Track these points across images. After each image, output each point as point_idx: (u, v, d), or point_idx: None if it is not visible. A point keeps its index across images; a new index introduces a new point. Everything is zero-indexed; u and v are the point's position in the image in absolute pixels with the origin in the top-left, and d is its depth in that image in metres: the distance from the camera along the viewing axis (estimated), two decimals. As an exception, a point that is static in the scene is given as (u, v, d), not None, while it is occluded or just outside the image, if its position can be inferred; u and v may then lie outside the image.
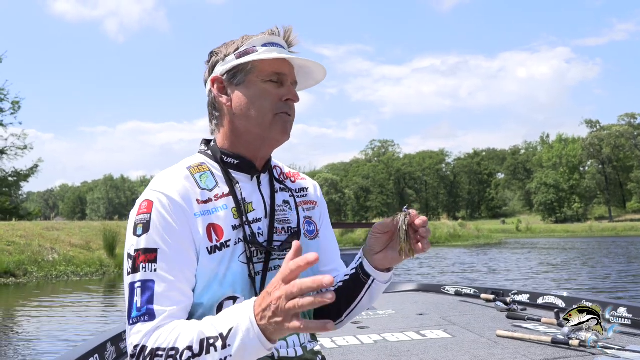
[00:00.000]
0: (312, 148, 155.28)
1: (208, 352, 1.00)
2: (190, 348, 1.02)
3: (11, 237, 17.94)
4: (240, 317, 1.00)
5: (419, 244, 1.18)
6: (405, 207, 1.21)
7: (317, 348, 1.32)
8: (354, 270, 1.31)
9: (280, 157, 1.39)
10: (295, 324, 0.92)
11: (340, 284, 1.34)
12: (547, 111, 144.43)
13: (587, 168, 77.07)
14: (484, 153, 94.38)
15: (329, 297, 0.89)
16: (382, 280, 1.29)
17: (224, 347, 0.99)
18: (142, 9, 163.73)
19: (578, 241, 36.53)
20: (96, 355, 2.18)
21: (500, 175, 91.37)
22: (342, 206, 79.00)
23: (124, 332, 2.56)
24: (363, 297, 1.31)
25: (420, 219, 1.17)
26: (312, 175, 78.70)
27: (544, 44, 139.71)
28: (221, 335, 1.00)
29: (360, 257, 1.30)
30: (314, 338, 1.35)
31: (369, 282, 1.29)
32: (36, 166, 31.26)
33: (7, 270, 15.55)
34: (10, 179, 31.24)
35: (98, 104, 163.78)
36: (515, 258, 21.03)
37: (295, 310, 0.92)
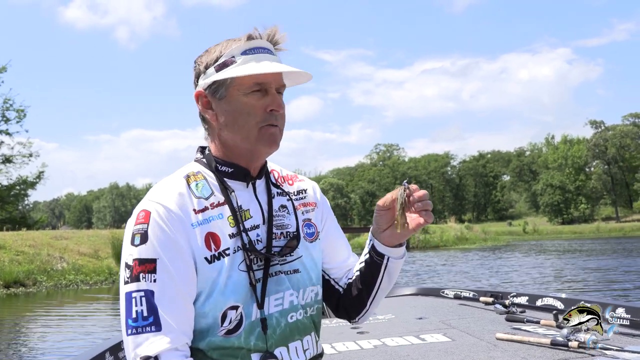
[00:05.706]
0: (316, 153, 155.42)
1: None
2: None
3: (20, 247, 18.04)
4: None
5: (419, 216, 1.20)
6: (405, 181, 1.22)
7: (318, 352, 1.31)
8: (367, 255, 1.31)
9: (285, 163, 1.42)
10: None
11: (357, 272, 1.35)
12: (550, 112, 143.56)
13: (592, 169, 76.55)
14: (489, 155, 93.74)
15: None
16: (396, 256, 1.29)
17: None
18: (152, 17, 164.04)
19: (585, 242, 36.27)
20: None
21: (506, 177, 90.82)
22: (348, 210, 78.74)
23: (122, 341, 2.57)
24: (382, 278, 1.31)
25: (418, 192, 1.20)
26: (318, 180, 78.60)
27: (544, 45, 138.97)
28: None
29: (370, 240, 1.30)
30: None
31: (384, 261, 1.29)
32: (42, 172, 30.95)
33: (17, 279, 15.64)
34: (17, 187, 31.25)
35: (101, 112, 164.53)
36: (523, 261, 20.92)
37: None
